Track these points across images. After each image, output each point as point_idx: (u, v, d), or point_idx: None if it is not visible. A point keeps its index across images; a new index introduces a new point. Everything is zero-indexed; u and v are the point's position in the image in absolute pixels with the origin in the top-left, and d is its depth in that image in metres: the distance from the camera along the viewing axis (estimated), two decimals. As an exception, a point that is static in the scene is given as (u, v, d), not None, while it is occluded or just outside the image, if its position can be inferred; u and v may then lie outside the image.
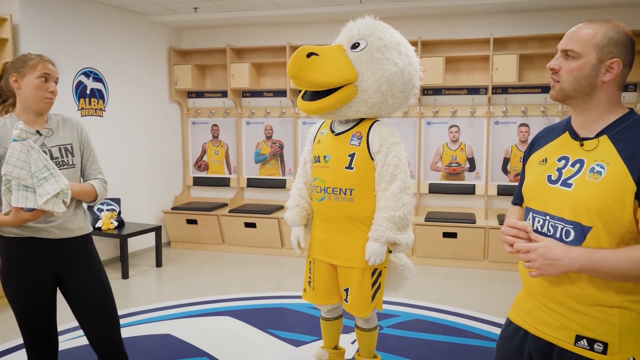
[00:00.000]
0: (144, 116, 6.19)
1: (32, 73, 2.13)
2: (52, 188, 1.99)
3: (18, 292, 2.16)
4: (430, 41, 5.82)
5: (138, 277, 5.26)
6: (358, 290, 2.76)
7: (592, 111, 1.48)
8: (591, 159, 1.44)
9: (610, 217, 1.39)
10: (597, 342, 1.43)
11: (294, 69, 2.56)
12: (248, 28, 6.53)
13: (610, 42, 1.43)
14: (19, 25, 4.66)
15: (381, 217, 2.60)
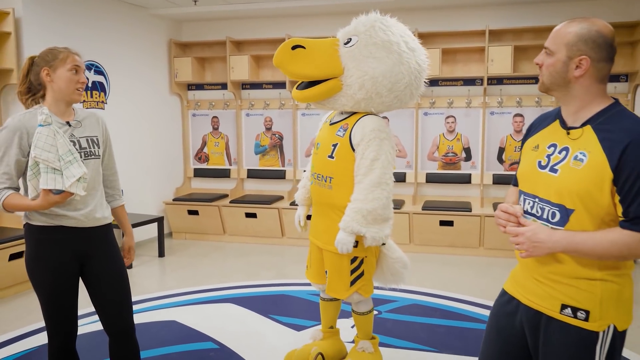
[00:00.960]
0: (145, 108, 6.27)
1: (63, 66, 2.22)
2: (77, 171, 2.08)
3: (45, 278, 2.24)
4: (427, 33, 5.90)
5: (141, 267, 5.37)
6: (335, 274, 2.87)
7: (573, 103, 1.61)
8: (575, 147, 1.56)
9: (591, 201, 1.52)
10: (580, 310, 1.57)
11: (278, 59, 2.70)
12: (247, 20, 6.60)
13: (579, 41, 1.54)
14: (21, 18, 4.73)
15: (350, 208, 2.67)
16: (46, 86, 2.25)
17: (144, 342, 3.44)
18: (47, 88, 2.26)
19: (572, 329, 1.59)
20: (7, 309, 4.15)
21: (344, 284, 2.86)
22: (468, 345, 3.43)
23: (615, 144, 1.48)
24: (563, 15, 5.57)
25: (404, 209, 5.81)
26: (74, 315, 2.34)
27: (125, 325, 2.42)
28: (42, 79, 2.24)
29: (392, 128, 6.23)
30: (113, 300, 2.37)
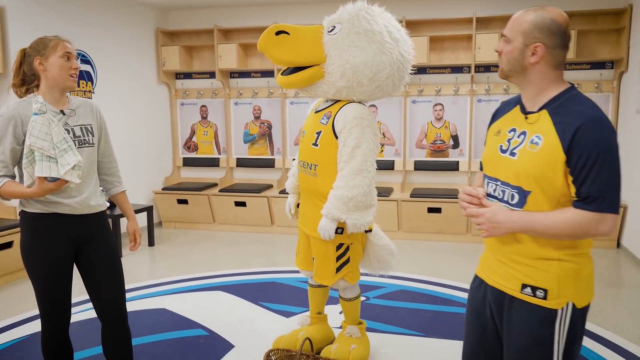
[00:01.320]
0: (132, 98, 6.26)
1: (54, 54, 2.23)
2: (72, 159, 2.11)
3: (40, 265, 2.26)
4: (415, 21, 5.92)
5: (131, 256, 5.39)
6: (322, 260, 2.91)
7: (530, 89, 1.66)
8: (532, 131, 1.63)
9: (546, 183, 1.58)
10: (538, 289, 1.64)
11: (262, 44, 2.72)
12: (235, 8, 6.57)
13: (535, 28, 1.60)
14: (5, 7, 4.69)
15: (331, 195, 2.71)
16: (40, 75, 2.27)
17: (135, 330, 3.45)
18: (41, 77, 2.27)
19: (532, 307, 1.65)
20: (1, 297, 4.17)
21: (330, 270, 2.90)
22: (454, 329, 3.49)
23: (568, 127, 1.54)
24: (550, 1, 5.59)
25: (392, 196, 5.86)
26: (67, 301, 2.37)
27: (118, 312, 2.46)
28: (35, 69, 2.26)
29: (381, 116, 6.27)
30: (107, 286, 2.41)
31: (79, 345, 3.17)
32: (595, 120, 1.52)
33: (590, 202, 1.53)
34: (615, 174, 1.52)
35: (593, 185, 1.51)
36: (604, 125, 1.52)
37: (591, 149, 1.50)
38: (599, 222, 1.54)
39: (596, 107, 1.57)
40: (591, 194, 1.52)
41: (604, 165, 1.50)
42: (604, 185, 1.51)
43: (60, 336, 2.38)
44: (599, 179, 1.51)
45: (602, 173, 1.50)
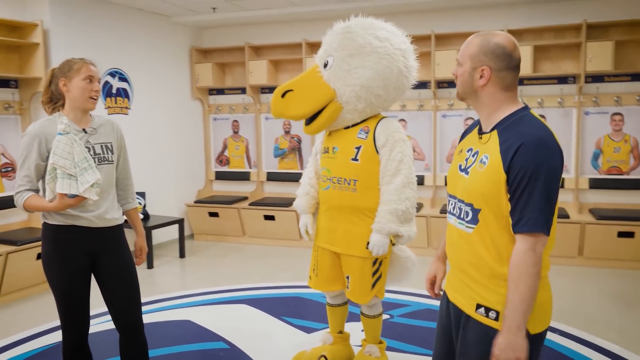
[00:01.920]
0: (167, 113, 6.44)
1: (77, 76, 2.36)
2: (91, 178, 2.23)
3: (59, 274, 2.38)
4: (443, 34, 5.89)
5: (162, 267, 5.51)
6: (358, 278, 2.90)
7: (482, 110, 1.72)
8: (483, 151, 1.68)
9: (492, 201, 1.62)
10: (491, 310, 1.65)
11: (275, 111, 2.84)
12: (265, 26, 6.70)
13: (480, 52, 1.66)
14: (49, 30, 4.92)
15: (384, 210, 2.73)
16: (64, 95, 2.40)
17: (157, 341, 3.56)
18: (65, 97, 2.40)
19: (485, 328, 1.66)
20: (35, 305, 4.32)
21: (367, 287, 2.90)
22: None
23: (510, 147, 1.57)
24: (584, 13, 5.49)
25: (422, 212, 5.81)
26: (86, 310, 2.46)
27: (134, 321, 2.54)
28: (60, 89, 2.39)
29: (410, 130, 6.25)
30: (122, 296, 2.50)
31: (100, 356, 3.26)
32: (536, 140, 1.55)
33: (520, 225, 1.55)
34: (545, 194, 1.53)
35: (523, 205, 1.54)
36: (543, 145, 1.55)
37: (526, 167, 1.53)
38: (534, 246, 1.55)
39: (542, 128, 1.59)
40: (522, 216, 1.55)
41: (536, 184, 1.52)
42: (533, 205, 1.53)
43: (79, 344, 2.48)
44: (530, 199, 1.53)
45: (533, 192, 1.53)
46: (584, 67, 5.37)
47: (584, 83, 5.50)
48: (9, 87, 4.84)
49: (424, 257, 5.80)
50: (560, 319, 3.92)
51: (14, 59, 4.86)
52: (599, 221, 5.20)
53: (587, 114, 5.66)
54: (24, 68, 4.87)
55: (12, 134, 4.88)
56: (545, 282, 1.67)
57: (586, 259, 5.32)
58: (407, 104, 6.18)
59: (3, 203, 4.73)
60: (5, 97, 4.82)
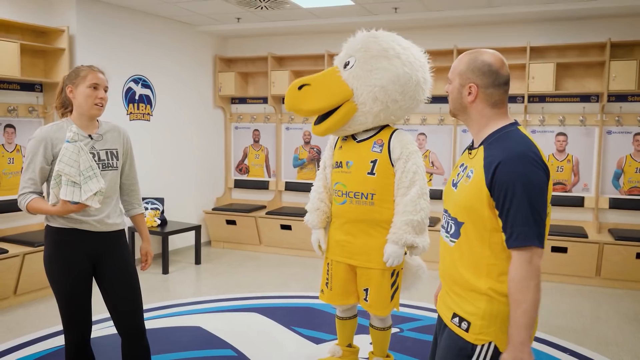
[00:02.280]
0: (189, 121, 6.53)
1: (83, 83, 2.40)
2: (95, 186, 2.26)
3: (60, 275, 2.42)
4: (466, 49, 5.84)
5: (177, 273, 5.56)
6: (378, 290, 2.89)
7: (472, 126, 1.77)
8: (470, 166, 1.71)
9: (474, 214, 1.65)
10: (464, 321, 1.68)
11: (289, 103, 2.81)
12: (288, 37, 6.76)
13: (467, 70, 1.71)
14: (74, 35, 5.05)
15: (400, 221, 2.74)
16: (72, 102, 2.44)
17: (166, 346, 3.59)
18: (73, 103, 2.45)
19: (455, 337, 1.69)
20: (49, 306, 4.40)
21: (386, 299, 2.91)
22: (485, 367, 3.37)
23: (492, 162, 1.60)
24: (609, 31, 5.42)
25: (437, 226, 5.76)
26: (87, 311, 2.49)
27: (135, 325, 2.55)
28: (67, 96, 2.44)
29: (430, 144, 6.22)
30: (123, 300, 2.52)
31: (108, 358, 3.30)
32: (516, 155, 1.57)
33: (512, 240, 1.56)
34: (530, 206, 1.54)
35: (512, 220, 1.55)
36: (522, 160, 1.56)
37: (507, 182, 1.55)
38: (529, 259, 1.55)
39: (524, 144, 1.61)
40: (512, 231, 1.56)
41: (519, 199, 1.54)
42: (520, 219, 1.54)
43: (81, 345, 2.51)
44: (517, 213, 1.54)
45: (520, 206, 1.54)
46: (607, 86, 5.29)
47: (606, 102, 5.42)
48: (34, 90, 4.97)
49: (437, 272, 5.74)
50: (572, 339, 3.84)
51: (40, 64, 4.99)
52: (617, 241, 5.08)
53: (610, 133, 5.57)
54: (49, 72, 5.00)
55: (37, 137, 4.99)
56: None
57: (603, 279, 5.21)
58: (427, 117, 6.16)
59: (25, 204, 4.84)
60: (29, 100, 4.95)
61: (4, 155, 4.76)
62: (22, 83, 4.85)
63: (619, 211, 5.59)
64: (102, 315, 3.61)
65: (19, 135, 4.85)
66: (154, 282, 5.20)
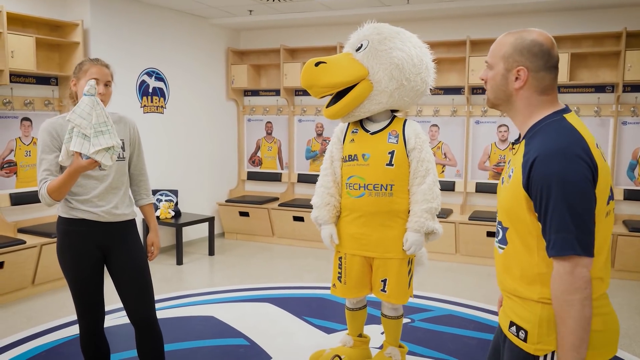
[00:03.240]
0: (202, 113, 6.57)
1: (84, 77, 2.43)
2: (105, 142, 2.21)
3: (72, 265, 2.48)
4: (479, 40, 5.83)
5: (191, 264, 5.63)
6: (397, 279, 2.93)
7: (517, 117, 1.57)
8: (512, 164, 1.54)
9: (516, 219, 1.49)
10: (521, 329, 1.50)
11: (306, 79, 2.82)
12: (300, 29, 6.77)
13: (515, 52, 1.50)
14: (89, 29, 5.10)
15: (420, 209, 2.80)
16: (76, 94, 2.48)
17: (180, 335, 3.65)
18: (77, 96, 2.48)
19: (515, 348, 1.52)
20: (65, 296, 4.47)
21: (405, 287, 2.96)
22: (496, 358, 3.38)
23: (528, 160, 1.43)
24: (624, 21, 5.35)
25: (450, 218, 5.76)
26: (99, 300, 2.55)
27: (146, 315, 2.59)
28: (72, 88, 2.49)
29: (442, 136, 6.21)
30: (133, 290, 2.56)
31: (119, 348, 3.38)
32: (553, 150, 1.39)
33: (549, 248, 1.40)
34: (568, 210, 1.36)
35: (549, 226, 1.39)
36: (561, 155, 1.38)
37: (542, 182, 1.39)
38: (572, 270, 1.36)
39: (568, 135, 1.43)
40: (550, 238, 1.39)
41: (555, 201, 1.36)
42: (557, 225, 1.37)
43: (94, 332, 2.57)
44: (553, 218, 1.37)
45: (555, 210, 1.37)
46: (622, 76, 5.23)
47: (622, 92, 5.35)
48: (50, 84, 5.04)
49: (451, 264, 5.79)
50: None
51: (55, 57, 5.06)
52: (631, 233, 5.05)
53: (625, 124, 5.51)
54: (64, 66, 5.07)
55: (53, 130, 5.07)
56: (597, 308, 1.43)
57: (617, 271, 5.17)
58: (440, 109, 6.14)
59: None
60: (45, 94, 5.02)
61: (21, 148, 4.85)
62: (37, 77, 4.92)
63: (633, 202, 5.54)
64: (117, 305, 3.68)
65: (35, 128, 4.93)
66: (168, 273, 5.27)
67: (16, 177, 4.82)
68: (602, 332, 1.45)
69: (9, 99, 4.69)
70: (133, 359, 3.24)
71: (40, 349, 3.46)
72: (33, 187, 4.89)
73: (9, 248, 4.24)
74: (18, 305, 4.29)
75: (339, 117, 2.92)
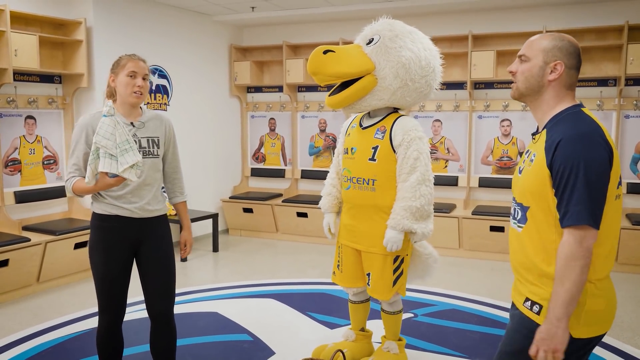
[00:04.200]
0: (205, 110, 6.59)
1: (122, 72, 2.47)
2: (131, 159, 2.30)
3: (100, 260, 2.51)
4: (481, 35, 5.82)
5: (195, 260, 5.66)
6: (379, 275, 2.93)
7: (542, 107, 1.74)
8: (533, 150, 1.71)
9: (539, 197, 1.65)
10: (536, 304, 1.67)
11: (313, 65, 2.79)
12: (303, 25, 6.77)
13: (554, 48, 1.70)
14: (92, 27, 5.13)
15: (399, 207, 2.78)
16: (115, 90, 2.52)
17: (185, 331, 3.67)
18: (116, 92, 2.52)
19: (526, 319, 1.69)
20: (71, 293, 4.52)
21: (388, 284, 2.94)
22: (499, 352, 3.39)
23: (553, 143, 1.60)
24: (626, 14, 5.33)
25: (454, 213, 5.76)
26: (123, 297, 2.59)
27: (164, 309, 2.63)
28: (110, 85, 2.52)
29: (445, 131, 6.21)
30: (157, 284, 2.60)
31: (131, 342, 3.39)
32: (575, 135, 1.57)
33: (566, 219, 1.56)
34: (587, 187, 1.53)
35: (567, 199, 1.55)
36: (583, 139, 1.56)
37: (566, 161, 1.55)
38: (581, 239, 1.54)
39: (588, 124, 1.61)
40: (567, 210, 1.56)
41: (577, 178, 1.53)
42: (577, 199, 1.54)
43: (113, 329, 2.61)
44: (573, 193, 1.54)
45: (576, 186, 1.54)
46: (624, 70, 5.21)
47: (624, 86, 5.34)
48: (53, 82, 5.07)
49: (454, 258, 5.80)
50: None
51: (58, 56, 5.08)
52: (634, 226, 5.04)
53: (627, 117, 5.49)
54: (68, 64, 5.09)
55: (55, 128, 5.11)
56: (600, 288, 1.64)
57: (620, 264, 5.17)
58: (442, 104, 6.14)
59: (45, 194, 4.98)
60: (49, 92, 5.05)
61: (25, 146, 4.88)
62: (41, 75, 4.95)
63: (637, 196, 5.53)
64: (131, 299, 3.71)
65: (39, 127, 4.96)
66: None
67: (20, 175, 4.86)
68: (602, 311, 1.64)
69: (12, 97, 4.72)
70: (143, 354, 3.29)
71: (46, 346, 3.49)
72: (37, 184, 4.93)
73: (14, 246, 4.28)
74: (23, 302, 4.33)
75: (340, 107, 2.94)
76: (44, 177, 5.02)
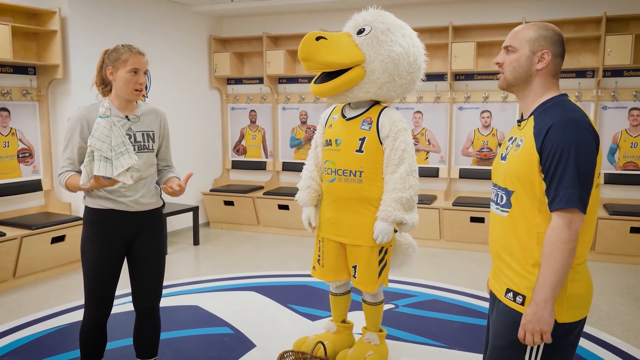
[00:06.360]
0: (185, 102, 6.51)
1: (123, 67, 2.38)
2: (126, 162, 2.24)
3: (92, 255, 2.47)
4: (462, 26, 5.83)
5: (176, 254, 5.61)
6: (366, 267, 2.93)
7: (529, 96, 1.75)
8: (519, 136, 1.72)
9: (526, 181, 1.66)
10: (518, 295, 1.69)
11: (304, 51, 2.73)
12: (283, 16, 6.72)
13: (540, 37, 1.71)
14: (67, 17, 5.02)
15: (389, 198, 2.78)
16: (111, 83, 2.45)
17: (165, 324, 3.59)
18: (112, 85, 2.45)
19: (511, 311, 1.70)
20: (48, 288, 4.45)
21: (374, 276, 2.95)
22: (479, 341, 3.42)
23: (543, 128, 1.62)
24: (603, 6, 5.38)
25: (434, 204, 5.78)
26: (110, 295, 2.55)
27: (151, 302, 2.63)
28: (106, 77, 2.44)
29: (426, 122, 6.22)
30: (146, 277, 2.58)
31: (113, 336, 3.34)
32: (566, 121, 1.59)
33: (555, 202, 1.58)
34: (577, 171, 1.55)
35: (557, 183, 1.57)
36: (574, 124, 1.58)
37: (557, 146, 1.57)
38: (569, 223, 1.57)
39: (575, 111, 1.63)
40: (557, 193, 1.57)
41: (567, 162, 1.55)
42: (566, 182, 1.56)
43: (98, 325, 2.57)
44: (563, 176, 1.56)
45: (566, 170, 1.55)
46: (602, 61, 5.27)
47: (602, 77, 5.40)
48: (27, 73, 4.96)
49: (435, 249, 5.83)
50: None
51: (32, 46, 4.97)
52: (612, 216, 5.12)
53: (605, 109, 5.56)
54: (42, 55, 4.98)
55: (30, 120, 5.00)
56: (580, 272, 1.68)
57: (598, 254, 5.26)
58: (423, 95, 6.15)
59: (20, 188, 4.88)
60: (23, 83, 4.94)
61: (-1, 139, 4.78)
62: (15, 66, 4.83)
63: (614, 186, 5.61)
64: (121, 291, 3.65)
65: (13, 119, 4.85)
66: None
67: (-5, 168, 4.76)
68: (582, 295, 1.68)
69: (-15, 89, 4.61)
70: (125, 349, 3.26)
71: (23, 341, 3.43)
72: (12, 178, 4.83)
73: (-11, 240, 4.19)
74: (0, 298, 4.25)
75: (326, 97, 2.91)
76: (19, 171, 4.92)
